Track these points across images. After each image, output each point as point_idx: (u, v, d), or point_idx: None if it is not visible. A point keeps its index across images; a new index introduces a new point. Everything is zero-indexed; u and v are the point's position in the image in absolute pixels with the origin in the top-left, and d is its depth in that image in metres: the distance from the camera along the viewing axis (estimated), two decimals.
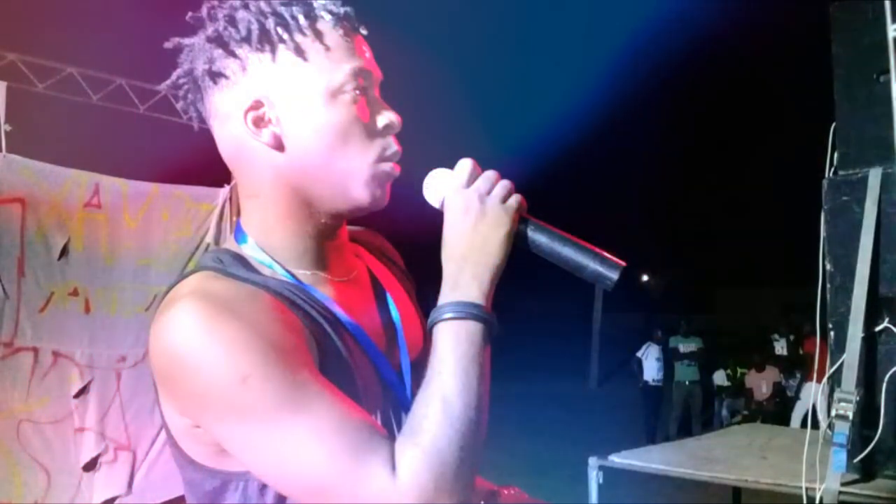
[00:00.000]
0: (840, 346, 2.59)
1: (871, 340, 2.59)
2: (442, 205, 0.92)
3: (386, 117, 0.94)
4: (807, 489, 2.46)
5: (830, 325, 2.69)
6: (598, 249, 0.90)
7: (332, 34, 0.91)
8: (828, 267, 2.72)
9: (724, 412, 10.53)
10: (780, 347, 10.64)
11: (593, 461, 3.03)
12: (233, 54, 0.90)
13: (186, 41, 0.92)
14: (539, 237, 0.91)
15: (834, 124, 2.78)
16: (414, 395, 0.84)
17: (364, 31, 0.95)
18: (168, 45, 0.94)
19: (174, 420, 0.87)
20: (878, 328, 2.59)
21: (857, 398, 2.45)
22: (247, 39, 0.89)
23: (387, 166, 0.94)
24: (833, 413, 2.45)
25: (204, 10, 0.91)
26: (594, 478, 3.01)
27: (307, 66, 0.89)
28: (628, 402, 11.57)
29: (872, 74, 2.68)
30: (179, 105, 0.97)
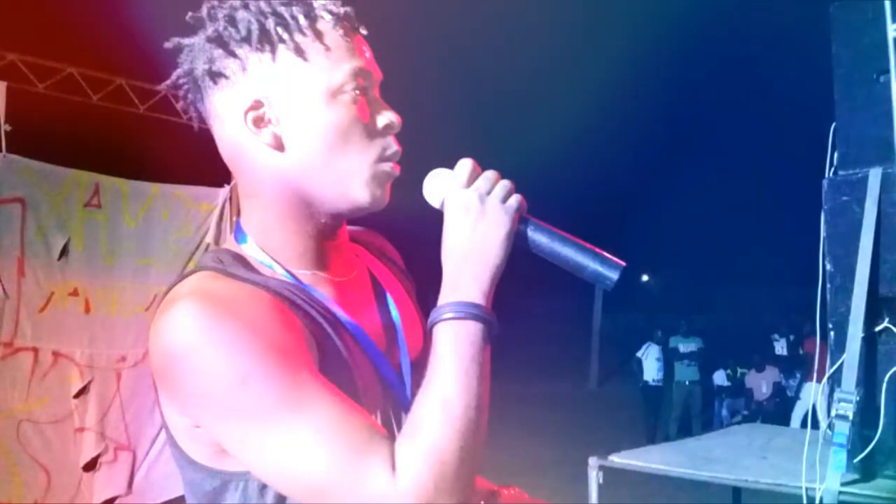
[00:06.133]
0: (840, 346, 2.59)
1: (871, 340, 2.59)
2: (442, 205, 0.92)
3: (386, 117, 0.93)
4: (807, 489, 2.46)
5: (830, 325, 2.69)
6: (598, 249, 0.90)
7: (332, 34, 0.91)
8: (828, 267, 2.72)
9: (724, 412, 10.53)
10: (780, 347, 10.65)
11: (593, 461, 3.02)
12: (233, 54, 0.90)
13: (186, 41, 0.92)
14: (539, 237, 0.91)
15: (834, 124, 2.77)
16: (414, 395, 0.84)
17: (364, 31, 0.95)
18: (168, 45, 0.93)
19: (174, 420, 0.87)
20: (878, 328, 2.59)
21: (857, 398, 2.45)
22: (247, 39, 0.89)
23: (387, 166, 0.94)
24: (833, 413, 2.45)
25: (204, 10, 0.91)
26: (594, 478, 3.01)
27: (307, 66, 0.89)
28: (628, 402, 11.58)
29: (872, 74, 2.68)
30: (179, 105, 0.98)
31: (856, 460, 2.51)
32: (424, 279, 1.16)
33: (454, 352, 0.83)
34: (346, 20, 0.92)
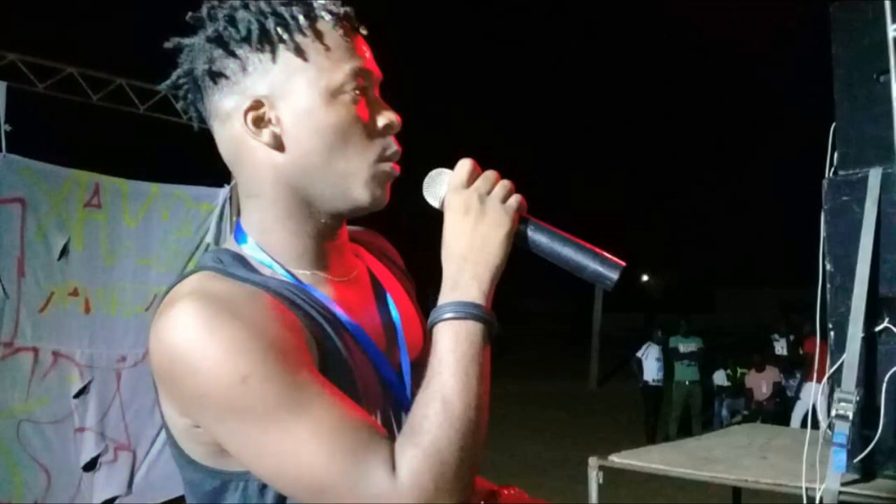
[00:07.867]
0: (840, 346, 2.59)
1: (871, 340, 2.59)
2: (442, 205, 0.92)
3: (386, 117, 0.93)
4: (807, 489, 2.46)
5: (830, 325, 2.69)
6: (598, 249, 0.90)
7: (332, 34, 0.91)
8: (828, 267, 2.72)
9: (724, 412, 10.53)
10: (780, 347, 10.64)
11: (593, 461, 3.02)
12: (233, 54, 0.90)
13: (186, 41, 0.92)
14: (539, 237, 0.91)
15: (834, 124, 2.78)
16: (414, 395, 0.84)
17: (364, 31, 0.95)
18: (168, 45, 0.93)
19: (174, 420, 0.87)
20: (878, 328, 2.59)
21: (857, 398, 2.45)
22: (247, 39, 0.89)
23: (387, 166, 0.94)
24: (833, 413, 2.45)
25: (204, 10, 0.91)
26: (594, 478, 3.01)
27: (307, 65, 0.89)
28: (628, 402, 11.58)
29: (872, 74, 2.68)
30: (179, 105, 0.97)
31: (856, 460, 2.52)
32: (424, 279, 1.16)
33: (454, 352, 0.83)
34: (346, 20, 0.92)
